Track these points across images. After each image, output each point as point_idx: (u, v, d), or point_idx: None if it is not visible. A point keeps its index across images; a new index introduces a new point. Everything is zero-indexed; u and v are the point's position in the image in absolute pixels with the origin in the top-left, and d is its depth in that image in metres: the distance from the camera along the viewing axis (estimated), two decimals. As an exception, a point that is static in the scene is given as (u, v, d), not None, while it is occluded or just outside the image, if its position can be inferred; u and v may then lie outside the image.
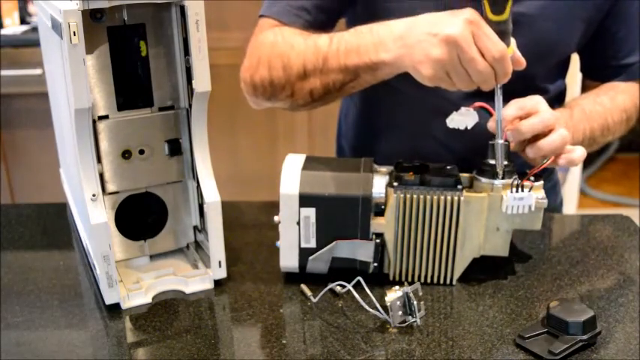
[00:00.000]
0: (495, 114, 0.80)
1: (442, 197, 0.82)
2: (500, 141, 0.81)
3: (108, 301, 0.82)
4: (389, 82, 0.88)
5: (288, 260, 0.86)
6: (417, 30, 0.78)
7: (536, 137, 0.83)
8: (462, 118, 0.83)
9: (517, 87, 0.83)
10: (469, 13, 0.75)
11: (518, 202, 0.81)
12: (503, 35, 0.76)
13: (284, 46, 0.93)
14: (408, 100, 1.03)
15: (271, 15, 1.00)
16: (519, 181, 0.82)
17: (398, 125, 1.07)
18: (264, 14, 1.01)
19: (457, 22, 0.74)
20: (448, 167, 0.86)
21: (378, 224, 0.83)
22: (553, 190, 1.17)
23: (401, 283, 0.81)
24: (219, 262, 0.86)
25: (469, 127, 0.83)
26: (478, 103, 0.83)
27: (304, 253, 0.86)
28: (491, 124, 0.82)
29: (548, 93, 1.03)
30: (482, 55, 0.75)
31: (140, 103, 0.83)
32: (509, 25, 0.77)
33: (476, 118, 0.83)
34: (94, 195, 0.79)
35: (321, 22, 1.00)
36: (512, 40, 0.78)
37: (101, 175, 0.83)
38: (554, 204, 1.17)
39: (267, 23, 1.00)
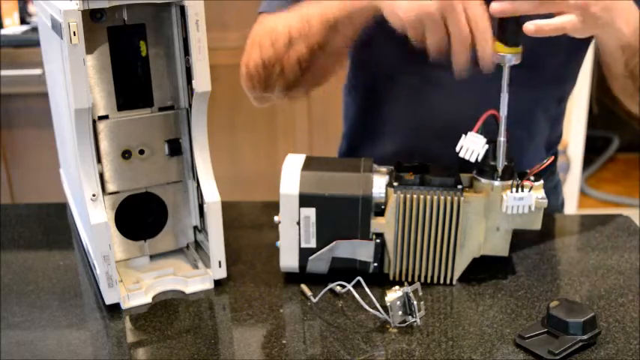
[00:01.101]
0: (501, 112, 0.80)
1: (442, 197, 0.82)
2: (503, 139, 0.81)
3: (108, 301, 0.82)
4: (389, 76, 0.88)
5: (288, 260, 0.86)
6: None
7: None
8: (471, 145, 0.81)
9: (524, 81, 0.83)
10: None
11: (518, 202, 0.81)
12: (513, 29, 0.76)
13: (273, 22, 0.95)
14: (406, 97, 1.03)
15: (270, 12, 1.01)
16: (519, 181, 0.82)
17: (395, 124, 1.07)
18: (262, 11, 1.02)
19: None
20: (448, 167, 0.86)
21: (378, 224, 0.83)
22: (555, 191, 1.17)
23: (401, 283, 0.81)
24: (219, 262, 0.86)
25: (479, 158, 0.81)
26: (489, 111, 0.81)
27: (304, 253, 0.86)
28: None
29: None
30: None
31: (140, 103, 0.83)
32: (521, 19, 0.76)
33: (484, 144, 0.81)
34: (94, 195, 0.79)
35: None
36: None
37: (101, 175, 0.83)
38: (555, 204, 1.17)
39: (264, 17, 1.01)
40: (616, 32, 0.82)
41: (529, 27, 0.76)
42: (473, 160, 0.80)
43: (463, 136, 0.81)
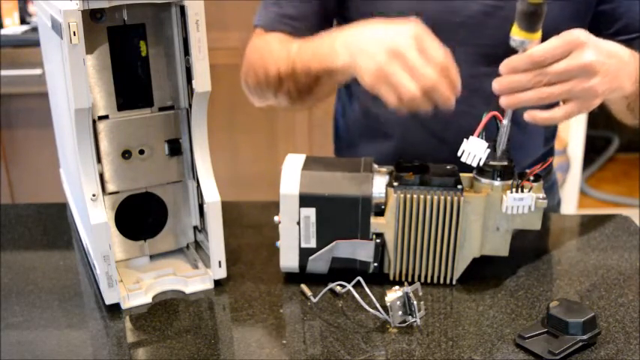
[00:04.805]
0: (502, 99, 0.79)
1: (442, 197, 0.82)
2: (506, 121, 0.81)
3: (108, 301, 0.82)
4: None
5: (288, 260, 0.86)
6: (363, 38, 0.80)
7: None
8: (472, 149, 0.80)
9: None
10: (415, 25, 0.78)
11: (518, 202, 0.81)
12: (534, 17, 0.75)
13: (266, 53, 1.00)
14: None
15: (261, 25, 1.06)
16: (519, 182, 0.82)
17: (393, 121, 1.07)
18: (256, 24, 1.07)
19: (403, 34, 0.77)
20: (448, 167, 0.86)
21: (378, 224, 0.83)
22: (551, 191, 1.18)
23: (401, 283, 0.81)
24: (219, 262, 0.86)
25: (482, 163, 0.81)
26: (491, 113, 0.81)
27: (304, 253, 0.86)
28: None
29: None
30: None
31: (140, 103, 0.83)
32: (543, 8, 0.76)
33: (486, 148, 0.80)
34: (94, 195, 0.79)
35: (309, 28, 1.03)
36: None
37: (101, 175, 0.83)
38: (552, 204, 1.17)
39: (259, 32, 1.06)
40: (622, 90, 0.83)
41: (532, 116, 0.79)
42: (475, 164, 0.80)
43: (465, 140, 0.80)
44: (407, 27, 0.78)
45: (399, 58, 0.76)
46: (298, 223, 0.84)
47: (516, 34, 0.77)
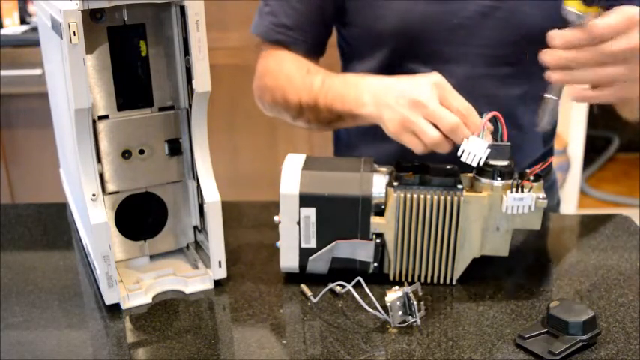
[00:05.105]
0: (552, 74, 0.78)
1: (442, 197, 0.82)
2: (549, 95, 0.80)
3: (108, 301, 0.82)
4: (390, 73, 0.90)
5: (288, 260, 0.86)
6: (390, 92, 0.84)
7: None
8: (472, 149, 0.80)
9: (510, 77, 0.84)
10: (436, 77, 0.82)
11: (518, 202, 0.81)
12: None
13: (284, 80, 1.02)
14: None
15: (259, 34, 1.07)
16: (519, 182, 0.82)
17: None
18: (253, 32, 1.08)
19: (424, 86, 0.81)
20: (448, 167, 0.86)
21: (378, 224, 0.83)
22: (550, 191, 1.18)
23: (401, 283, 0.81)
24: (219, 262, 0.86)
25: (482, 163, 0.80)
26: (491, 113, 0.81)
27: (304, 253, 0.86)
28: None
29: None
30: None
31: (140, 103, 0.83)
32: None
33: (486, 148, 0.80)
34: (94, 195, 0.79)
35: (305, 40, 1.04)
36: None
37: (101, 175, 0.83)
38: (551, 204, 1.18)
39: (265, 45, 1.08)
40: None
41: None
42: (475, 164, 0.80)
43: (465, 140, 0.80)
44: (428, 78, 0.82)
45: (419, 107, 0.80)
46: (298, 223, 0.84)
47: (573, 6, 0.75)
